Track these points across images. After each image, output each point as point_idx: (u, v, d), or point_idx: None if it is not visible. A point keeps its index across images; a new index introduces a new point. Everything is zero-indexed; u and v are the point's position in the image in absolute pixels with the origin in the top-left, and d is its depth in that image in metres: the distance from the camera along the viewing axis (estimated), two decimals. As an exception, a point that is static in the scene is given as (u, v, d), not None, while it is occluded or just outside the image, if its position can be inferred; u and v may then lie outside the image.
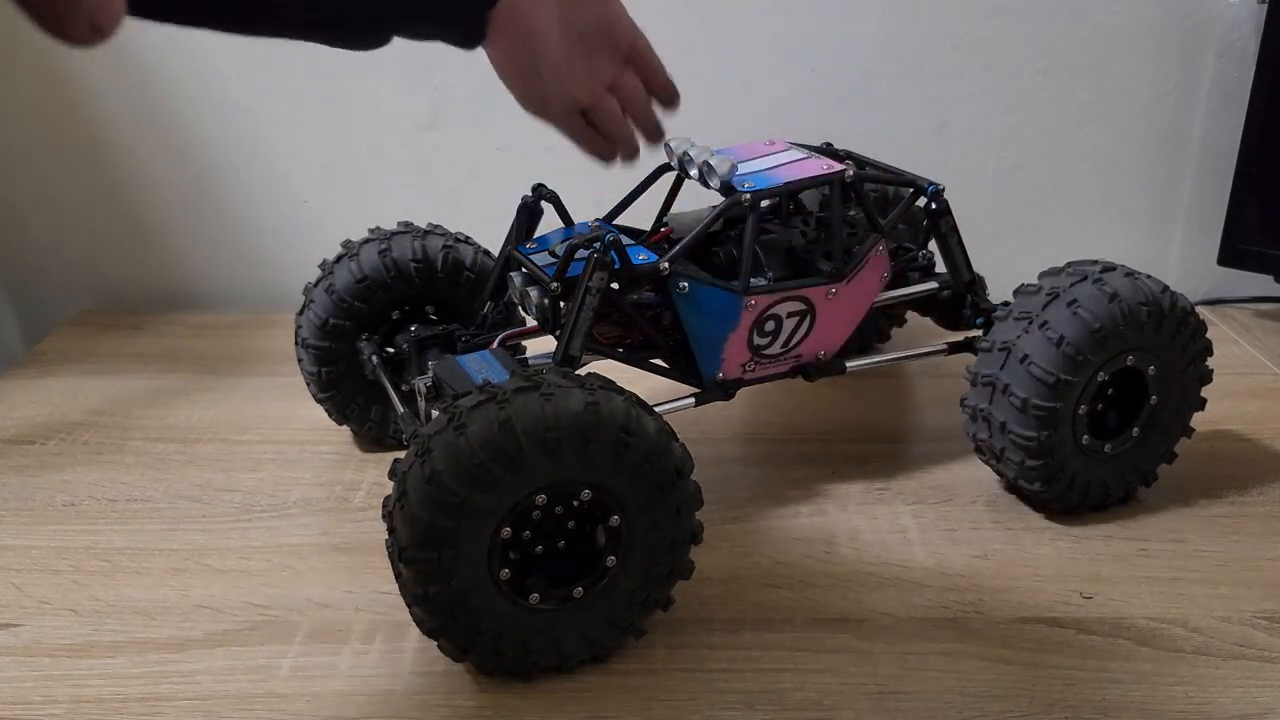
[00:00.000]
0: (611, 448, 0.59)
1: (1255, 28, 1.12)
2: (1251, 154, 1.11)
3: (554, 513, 0.61)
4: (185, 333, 1.16)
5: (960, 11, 1.14)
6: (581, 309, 0.70)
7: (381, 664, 0.66)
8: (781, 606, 0.71)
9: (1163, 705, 0.63)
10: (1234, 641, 0.68)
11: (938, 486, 0.85)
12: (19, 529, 0.80)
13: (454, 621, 0.60)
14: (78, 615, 0.71)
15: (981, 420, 0.78)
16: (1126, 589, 0.73)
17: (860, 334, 0.90)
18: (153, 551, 0.77)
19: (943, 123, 1.19)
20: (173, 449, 0.92)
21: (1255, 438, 0.92)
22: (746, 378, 0.80)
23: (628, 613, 0.65)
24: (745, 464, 0.90)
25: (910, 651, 0.67)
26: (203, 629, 0.69)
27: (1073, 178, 1.22)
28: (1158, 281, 0.77)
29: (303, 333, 0.85)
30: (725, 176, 0.76)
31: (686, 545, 0.65)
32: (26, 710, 0.63)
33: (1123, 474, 0.80)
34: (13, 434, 0.94)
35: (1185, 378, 0.79)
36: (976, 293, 0.86)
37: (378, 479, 0.87)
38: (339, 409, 0.88)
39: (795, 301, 0.78)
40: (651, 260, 0.73)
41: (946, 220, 0.83)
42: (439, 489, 0.57)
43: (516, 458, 0.58)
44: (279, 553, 0.77)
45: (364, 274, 0.83)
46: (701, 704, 0.63)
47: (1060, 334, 0.73)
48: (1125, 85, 1.17)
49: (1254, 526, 0.80)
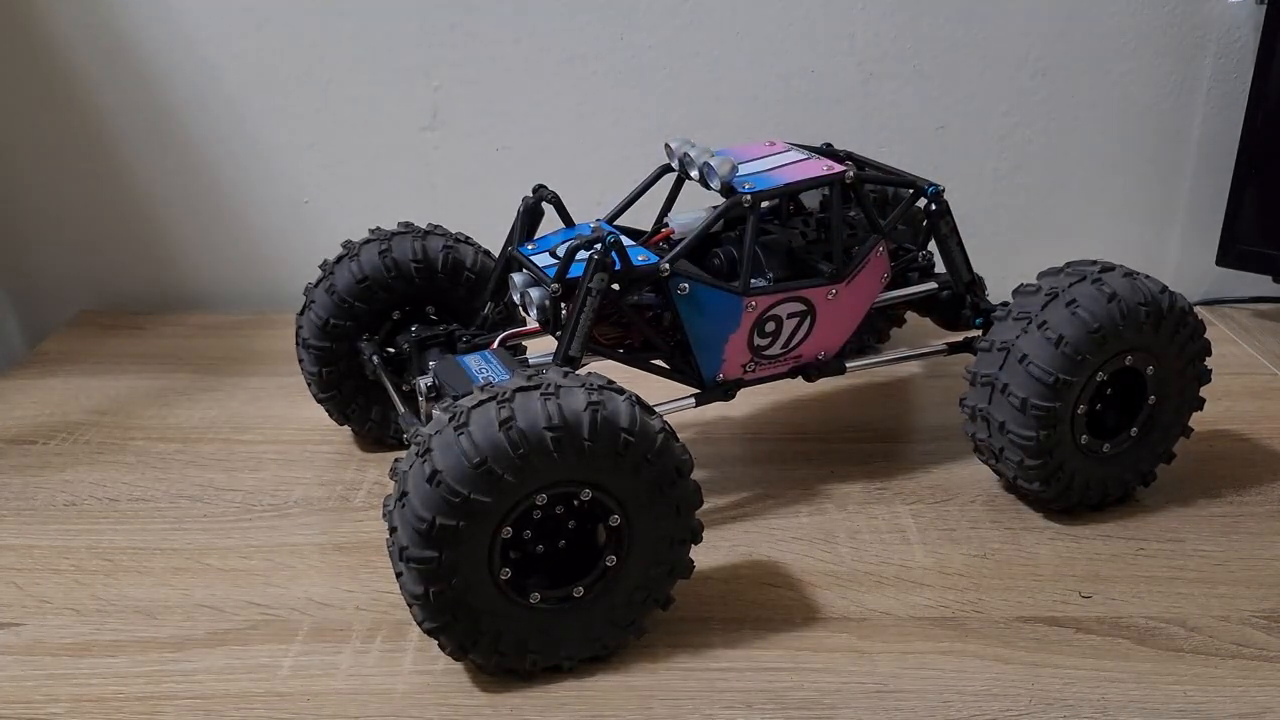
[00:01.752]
0: (612, 447, 0.60)
1: (1255, 28, 1.13)
2: (1250, 154, 1.12)
3: (554, 512, 0.62)
4: (186, 333, 1.17)
5: (960, 12, 1.14)
6: (582, 310, 0.70)
7: (382, 663, 0.66)
8: (781, 606, 0.71)
9: (1161, 704, 0.63)
10: (1232, 641, 0.68)
11: (937, 486, 0.85)
12: (20, 529, 0.80)
13: (454, 620, 0.61)
14: (79, 614, 0.71)
15: (981, 420, 0.78)
16: (1125, 588, 0.73)
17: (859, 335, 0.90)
18: (154, 551, 0.78)
19: (942, 123, 1.19)
20: (174, 449, 0.92)
21: (1253, 437, 0.92)
22: (747, 378, 0.80)
23: (628, 612, 0.65)
24: (745, 464, 0.90)
25: (909, 651, 0.67)
26: (204, 628, 0.70)
27: (1072, 178, 1.22)
28: (1156, 281, 0.77)
29: (304, 333, 0.85)
30: (725, 177, 0.76)
31: (686, 544, 0.65)
32: (28, 709, 0.63)
33: (1121, 474, 0.80)
34: (14, 434, 0.94)
35: (1184, 378, 0.79)
36: (976, 293, 0.86)
37: (378, 479, 0.87)
38: (340, 409, 0.88)
39: (795, 302, 0.78)
40: (652, 261, 0.74)
41: (946, 221, 0.83)
42: (440, 489, 0.57)
43: (517, 457, 0.58)
44: (280, 552, 0.77)
45: (365, 274, 0.83)
46: (701, 703, 0.63)
47: (1059, 334, 0.73)
48: (1125, 85, 1.17)
49: (1252, 526, 0.80)
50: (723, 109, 1.17)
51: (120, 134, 1.18)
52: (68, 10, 1.11)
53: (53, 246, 1.23)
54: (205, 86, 1.15)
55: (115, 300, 1.24)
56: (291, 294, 0.97)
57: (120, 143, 1.18)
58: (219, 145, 1.18)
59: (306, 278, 0.88)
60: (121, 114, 1.17)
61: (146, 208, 1.21)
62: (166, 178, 1.20)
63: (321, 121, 1.17)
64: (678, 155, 0.80)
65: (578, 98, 1.15)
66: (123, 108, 1.16)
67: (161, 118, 1.17)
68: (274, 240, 1.23)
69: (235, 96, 1.16)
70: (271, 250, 1.23)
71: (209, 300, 1.25)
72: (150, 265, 1.24)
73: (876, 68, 1.16)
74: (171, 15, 1.12)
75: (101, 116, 1.17)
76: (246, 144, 1.18)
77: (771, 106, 1.17)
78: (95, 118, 1.17)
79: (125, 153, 1.19)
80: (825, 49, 1.15)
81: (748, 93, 1.16)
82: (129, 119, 1.17)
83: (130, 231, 1.22)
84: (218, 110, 1.17)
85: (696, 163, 0.78)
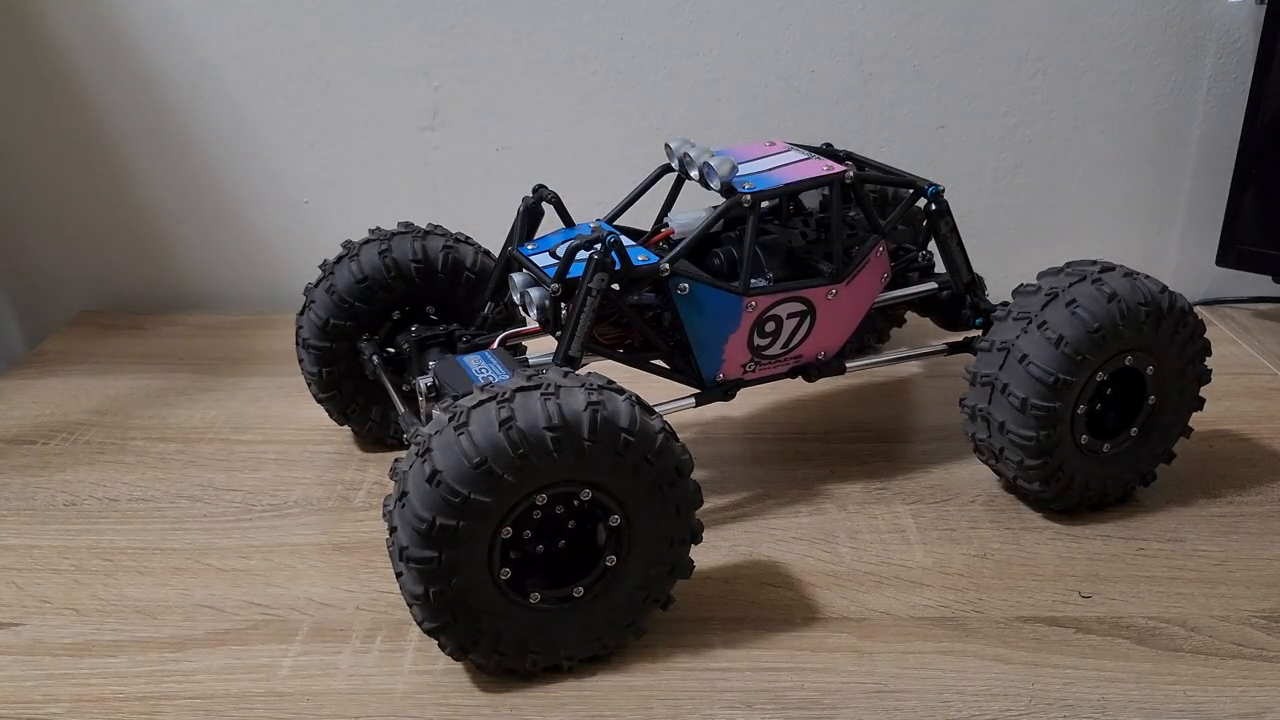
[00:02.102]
0: (612, 447, 0.60)
1: (1255, 28, 1.13)
2: (1250, 154, 1.12)
3: (554, 512, 0.62)
4: (186, 333, 1.17)
5: (959, 12, 1.14)
6: (582, 310, 0.70)
7: (381, 663, 0.66)
8: (781, 606, 0.71)
9: (1161, 704, 0.63)
10: (1232, 640, 0.68)
11: (937, 486, 0.85)
12: (20, 528, 0.80)
13: (454, 620, 0.61)
14: (79, 614, 0.71)
15: (981, 420, 0.78)
16: (1125, 588, 0.73)
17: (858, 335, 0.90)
18: (154, 551, 0.78)
19: (942, 123, 1.19)
20: (174, 449, 0.92)
21: (1253, 437, 0.92)
22: (747, 378, 0.80)
23: (628, 612, 0.65)
24: (745, 464, 0.90)
25: (909, 651, 0.67)
26: (204, 628, 0.70)
27: (1072, 178, 1.22)
28: (1156, 281, 0.77)
29: (303, 333, 0.86)
30: (725, 177, 0.76)
31: (686, 544, 0.65)
32: (28, 709, 0.63)
33: (1121, 474, 0.80)
34: (14, 434, 0.94)
35: (1184, 378, 0.79)
36: (976, 293, 0.86)
37: (378, 479, 0.87)
38: (340, 409, 0.88)
39: (795, 302, 0.78)
40: (652, 261, 0.74)
41: (946, 221, 0.83)
42: (440, 488, 0.57)
43: (517, 457, 0.58)
44: (280, 552, 0.77)
45: (365, 274, 0.83)
46: (701, 703, 0.63)
47: (1059, 334, 0.73)
48: (1124, 85, 1.17)
49: (1252, 526, 0.80)
50: (723, 109, 1.17)
51: (120, 134, 1.18)
52: (67, 10, 1.11)
53: (53, 246, 1.23)
54: (205, 86, 1.15)
55: (115, 300, 1.24)
56: (291, 294, 0.97)
57: (120, 143, 1.18)
58: (219, 145, 1.18)
59: (306, 278, 0.88)
60: (121, 114, 1.17)
61: (146, 208, 1.21)
62: (166, 178, 1.20)
63: (321, 121, 1.17)
64: (678, 155, 0.80)
65: (578, 98, 1.15)
66: (123, 108, 1.16)
67: (161, 118, 1.17)
68: (274, 240, 1.23)
69: (235, 96, 1.16)
70: (271, 250, 1.23)
71: (209, 300, 1.25)
72: (150, 265, 1.24)
73: (876, 68, 1.16)
74: (171, 15, 1.12)
75: (101, 116, 1.17)
76: (246, 144, 1.18)
77: (771, 106, 1.17)
78: (95, 118, 1.17)
79: (125, 153, 1.19)
80: (825, 49, 1.15)
81: (748, 93, 1.16)
82: (129, 119, 1.17)
83: (130, 231, 1.22)
84: (218, 110, 1.17)
85: (696, 163, 0.78)
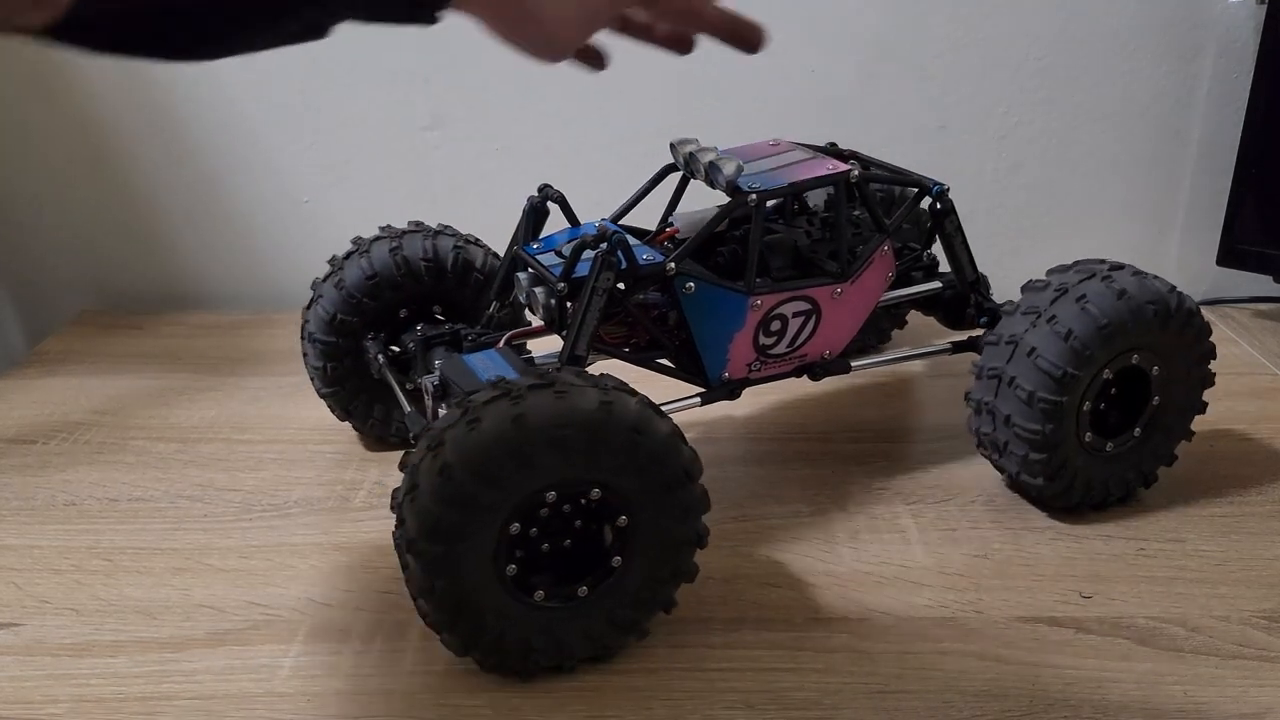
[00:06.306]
0: (622, 448, 0.59)
1: (1255, 28, 1.13)
2: (1251, 154, 1.12)
3: (562, 511, 0.62)
4: (186, 332, 1.16)
5: (960, 11, 1.14)
6: (588, 309, 0.70)
7: (382, 663, 0.66)
8: (781, 606, 0.71)
9: (1162, 705, 0.63)
10: (1233, 641, 0.68)
11: (937, 486, 0.85)
12: (20, 528, 0.80)
13: (458, 616, 0.61)
14: (79, 614, 0.71)
15: (985, 414, 0.78)
16: (1126, 588, 0.73)
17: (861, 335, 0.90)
18: (154, 551, 0.77)
19: (942, 123, 1.19)
20: (174, 449, 0.92)
21: (1254, 437, 0.92)
22: (752, 377, 0.80)
23: (631, 612, 0.65)
24: (745, 464, 0.90)
25: (910, 651, 0.67)
26: (204, 628, 0.69)
27: (1072, 178, 1.22)
28: (1165, 281, 0.77)
29: (309, 327, 0.85)
30: (731, 177, 0.76)
31: (692, 547, 0.65)
32: (28, 709, 0.63)
33: (1123, 474, 0.80)
34: (14, 433, 0.94)
35: (1188, 379, 0.79)
36: (980, 292, 0.86)
37: (379, 479, 0.87)
38: (342, 405, 0.88)
39: (801, 301, 0.78)
40: (657, 260, 0.73)
41: (951, 220, 0.83)
42: (450, 482, 0.57)
43: (528, 454, 0.58)
44: (280, 552, 0.77)
45: (374, 271, 0.83)
46: (701, 703, 0.63)
47: (1068, 328, 0.73)
48: (1125, 85, 1.17)
49: (1253, 526, 0.80)
50: (723, 109, 1.17)
51: (120, 134, 1.18)
52: (68, 9, 1.10)
53: (54, 246, 1.23)
54: (205, 86, 1.15)
55: (115, 300, 1.24)
56: (291, 293, 0.97)
57: (120, 143, 1.18)
58: (219, 145, 1.18)
59: (306, 277, 0.88)
60: (122, 114, 1.16)
61: (146, 208, 1.21)
62: (167, 177, 1.20)
63: (321, 121, 1.17)
64: (682, 154, 0.80)
65: (578, 98, 1.15)
66: (123, 108, 1.16)
67: (161, 118, 1.17)
68: (274, 240, 1.23)
69: (235, 96, 1.16)
70: (271, 250, 1.23)
71: (209, 300, 1.25)
72: (151, 265, 1.24)
73: (876, 68, 1.16)
74: (172, 14, 1.12)
75: (102, 117, 1.17)
76: (246, 144, 1.18)
77: (772, 106, 1.17)
78: (95, 118, 1.17)
79: (125, 153, 1.19)
80: (825, 49, 1.15)
81: (748, 92, 1.16)
82: (129, 119, 1.17)
83: (130, 231, 1.22)
84: (218, 110, 1.16)
85: (701, 162, 0.78)
